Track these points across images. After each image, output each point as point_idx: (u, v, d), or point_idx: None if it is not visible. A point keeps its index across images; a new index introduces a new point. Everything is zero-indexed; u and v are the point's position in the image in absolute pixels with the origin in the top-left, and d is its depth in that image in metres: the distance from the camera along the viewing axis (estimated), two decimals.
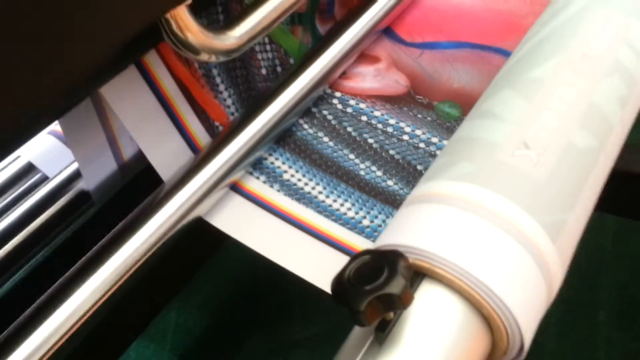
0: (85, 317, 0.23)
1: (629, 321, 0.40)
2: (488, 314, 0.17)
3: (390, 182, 0.25)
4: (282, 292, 0.47)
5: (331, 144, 0.26)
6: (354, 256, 0.17)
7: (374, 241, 0.23)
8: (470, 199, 0.18)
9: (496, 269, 0.17)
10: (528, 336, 0.17)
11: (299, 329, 0.46)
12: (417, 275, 0.18)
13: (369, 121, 0.27)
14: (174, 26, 0.22)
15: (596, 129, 0.20)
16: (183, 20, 0.23)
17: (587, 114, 0.20)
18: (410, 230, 0.18)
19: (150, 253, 0.25)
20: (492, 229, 0.18)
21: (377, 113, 0.27)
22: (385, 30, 0.32)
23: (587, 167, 0.20)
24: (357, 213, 0.24)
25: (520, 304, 0.17)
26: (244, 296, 0.50)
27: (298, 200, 0.24)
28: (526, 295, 0.17)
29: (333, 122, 0.28)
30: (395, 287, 0.16)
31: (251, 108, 0.28)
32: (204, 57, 0.23)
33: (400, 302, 0.16)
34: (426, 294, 0.17)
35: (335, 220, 0.24)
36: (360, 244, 0.23)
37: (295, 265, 0.23)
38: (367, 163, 0.26)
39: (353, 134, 0.27)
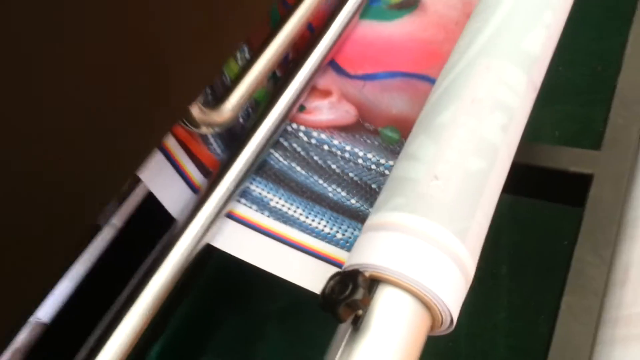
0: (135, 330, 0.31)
1: (524, 273, 0.52)
2: (426, 302, 0.25)
3: (353, 201, 0.32)
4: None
5: (303, 172, 0.34)
6: (330, 277, 0.25)
7: (347, 250, 0.31)
8: (403, 223, 0.26)
9: (426, 270, 0.25)
10: (455, 314, 0.26)
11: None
12: (375, 282, 0.26)
13: (330, 149, 0.35)
14: None
15: (485, 154, 0.29)
16: None
17: (477, 145, 0.29)
18: (366, 253, 0.26)
19: (175, 279, 0.32)
20: (420, 242, 0.26)
21: (335, 142, 0.35)
22: (332, 64, 0.39)
23: (481, 184, 0.28)
24: (331, 229, 0.32)
25: (446, 292, 0.25)
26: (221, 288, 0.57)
27: (284, 222, 0.32)
28: (449, 284, 0.26)
29: (302, 153, 0.35)
30: (358, 295, 0.24)
31: (234, 149, 0.35)
32: (203, 130, 0.29)
33: (363, 304, 0.24)
34: (383, 294, 0.25)
35: (315, 236, 0.31)
36: (336, 253, 0.31)
37: (286, 274, 0.31)
38: (334, 186, 0.33)
39: (319, 162, 0.34)
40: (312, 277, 0.29)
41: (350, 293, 0.24)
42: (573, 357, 0.34)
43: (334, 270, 0.27)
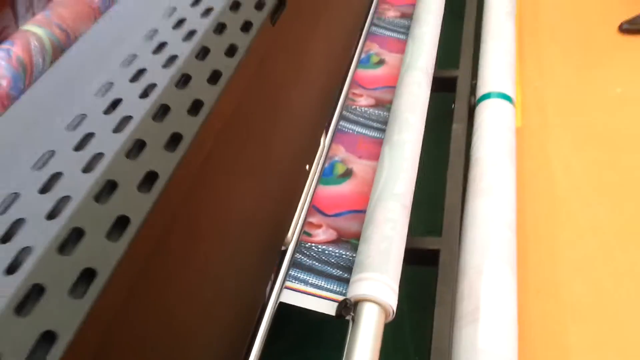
0: None
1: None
2: (383, 305, 0.68)
3: (344, 274, 0.75)
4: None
5: (319, 265, 0.75)
6: (339, 303, 0.67)
7: (342, 295, 0.72)
8: (361, 277, 0.70)
9: (377, 291, 0.68)
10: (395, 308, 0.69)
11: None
12: (361, 301, 0.68)
13: (329, 252, 0.77)
14: None
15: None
16: None
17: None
18: (351, 291, 0.69)
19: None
20: (371, 281, 0.69)
21: (330, 249, 0.78)
22: (316, 209, 0.82)
23: (390, 257, 0.72)
24: (336, 287, 0.73)
25: (388, 297, 0.68)
26: None
27: (314, 287, 0.73)
28: (388, 296, 0.69)
29: (315, 256, 0.77)
30: (346, 311, 0.66)
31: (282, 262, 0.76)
32: None
33: (349, 312, 0.67)
34: (364, 305, 0.68)
35: (328, 291, 0.73)
36: (337, 296, 0.72)
37: (317, 307, 0.71)
38: (335, 268, 0.75)
39: (324, 258, 0.76)
40: (327, 307, 0.71)
41: (344, 308, 0.66)
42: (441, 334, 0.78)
43: (336, 304, 0.69)
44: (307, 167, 0.76)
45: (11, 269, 0.35)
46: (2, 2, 0.96)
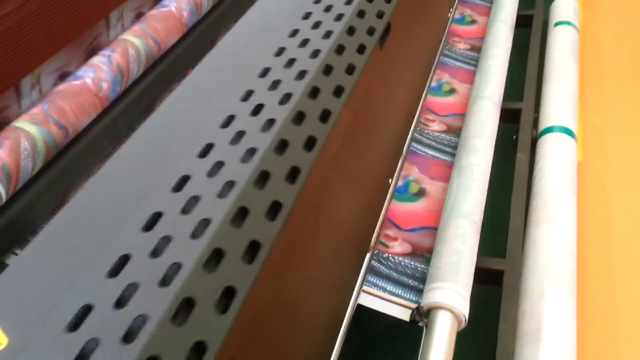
0: None
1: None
2: (454, 311, 0.73)
3: (419, 284, 0.80)
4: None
5: (396, 274, 0.81)
6: (412, 310, 0.73)
7: (415, 302, 0.78)
8: (434, 286, 0.75)
9: (449, 299, 0.73)
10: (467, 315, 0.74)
11: None
12: (434, 308, 0.74)
13: (404, 264, 0.83)
14: None
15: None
16: None
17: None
18: (428, 296, 0.74)
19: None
20: (444, 290, 0.74)
21: (406, 260, 0.83)
22: (391, 222, 0.88)
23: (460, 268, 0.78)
24: (411, 296, 0.79)
25: (460, 305, 0.74)
26: None
27: (391, 294, 0.79)
28: (461, 305, 0.74)
29: (392, 266, 0.82)
30: (419, 317, 0.72)
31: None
32: None
33: (422, 318, 0.72)
34: (437, 312, 0.73)
35: (403, 299, 0.78)
36: (410, 304, 0.78)
37: (393, 312, 0.77)
38: (410, 278, 0.81)
39: (400, 269, 0.82)
40: (402, 313, 0.76)
41: (418, 315, 0.72)
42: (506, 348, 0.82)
43: (409, 311, 0.75)
44: (390, 180, 0.83)
45: (127, 338, 0.35)
46: (96, 14, 1.05)
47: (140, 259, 0.40)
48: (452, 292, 0.75)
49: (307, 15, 0.65)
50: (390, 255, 0.84)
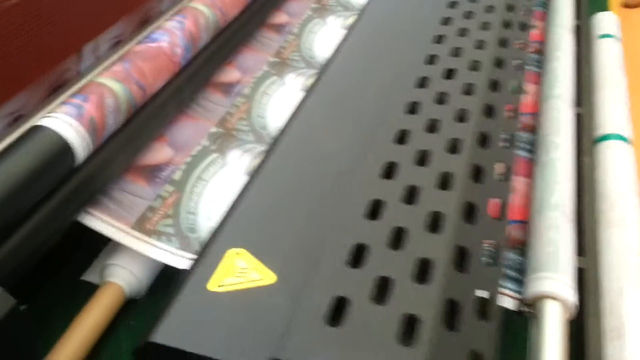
0: None
1: None
2: (561, 299, 0.74)
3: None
4: None
5: None
6: (519, 302, 0.74)
7: (517, 292, 0.79)
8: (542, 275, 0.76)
9: (553, 287, 0.75)
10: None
11: None
12: (540, 298, 0.75)
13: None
14: None
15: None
16: None
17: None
18: (531, 286, 0.75)
19: None
20: (550, 280, 0.75)
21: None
22: None
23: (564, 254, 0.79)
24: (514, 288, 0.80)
25: (565, 292, 0.75)
26: None
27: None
28: (568, 293, 0.75)
29: None
30: (525, 307, 0.73)
31: None
32: None
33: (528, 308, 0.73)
34: (544, 301, 0.74)
35: (505, 289, 0.79)
36: (513, 294, 0.79)
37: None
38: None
39: None
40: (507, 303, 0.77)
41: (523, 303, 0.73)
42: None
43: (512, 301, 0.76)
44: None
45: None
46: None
47: None
48: (552, 281, 0.76)
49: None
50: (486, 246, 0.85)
